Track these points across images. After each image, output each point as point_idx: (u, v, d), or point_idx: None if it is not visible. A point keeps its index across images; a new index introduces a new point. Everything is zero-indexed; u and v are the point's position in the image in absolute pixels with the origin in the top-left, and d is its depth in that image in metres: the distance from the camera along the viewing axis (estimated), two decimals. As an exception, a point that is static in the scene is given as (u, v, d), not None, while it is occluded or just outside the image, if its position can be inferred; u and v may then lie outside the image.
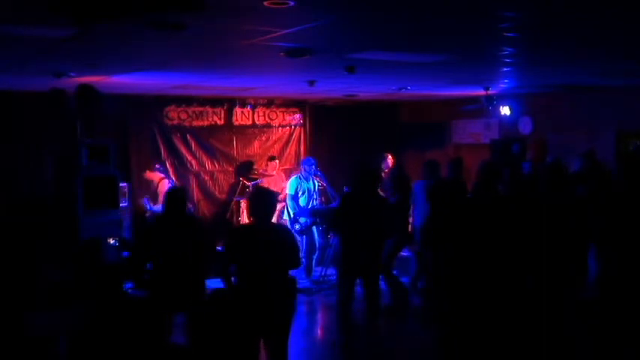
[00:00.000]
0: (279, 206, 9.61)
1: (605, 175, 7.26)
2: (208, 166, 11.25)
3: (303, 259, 8.64)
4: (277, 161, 10.88)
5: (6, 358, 4.47)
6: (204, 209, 11.17)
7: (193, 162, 11.09)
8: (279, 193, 9.51)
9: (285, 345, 5.06)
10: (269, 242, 4.91)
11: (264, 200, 5.06)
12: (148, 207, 9.60)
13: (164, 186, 9.59)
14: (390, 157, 10.18)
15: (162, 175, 9.98)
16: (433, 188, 5.32)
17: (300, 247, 8.48)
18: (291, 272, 5.29)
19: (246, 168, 11.13)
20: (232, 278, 5.03)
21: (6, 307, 5.02)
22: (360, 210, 6.25)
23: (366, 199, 6.32)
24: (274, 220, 9.20)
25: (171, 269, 5.51)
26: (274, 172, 10.57)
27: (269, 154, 11.25)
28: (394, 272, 7.99)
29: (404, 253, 9.62)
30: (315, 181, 9.25)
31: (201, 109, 11.09)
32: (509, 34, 5.13)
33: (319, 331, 7.67)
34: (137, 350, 4.02)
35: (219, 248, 6.57)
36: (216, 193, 11.28)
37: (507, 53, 6.13)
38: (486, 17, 4.47)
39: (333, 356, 6.56)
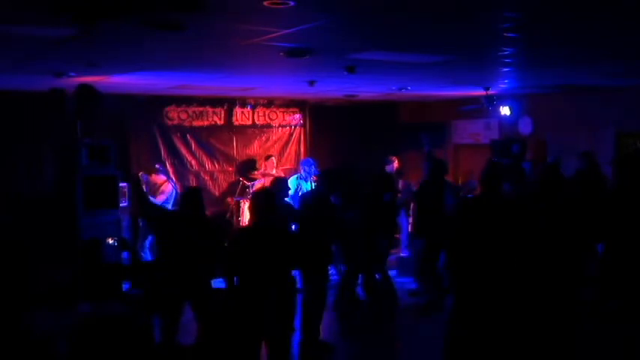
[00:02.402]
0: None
1: (599, 177, 7.27)
2: (208, 166, 11.24)
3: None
4: (274, 159, 10.86)
5: (6, 358, 4.47)
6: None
7: (193, 162, 11.09)
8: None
9: (286, 345, 5.06)
10: (271, 242, 4.91)
11: (264, 201, 5.07)
12: (145, 179, 9.53)
13: (167, 187, 9.74)
14: (395, 160, 10.18)
15: (164, 178, 10.00)
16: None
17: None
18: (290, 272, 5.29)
19: (246, 168, 11.12)
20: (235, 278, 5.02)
21: (6, 307, 5.03)
22: (312, 210, 6.48)
23: (319, 201, 6.56)
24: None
25: (176, 265, 5.52)
26: (274, 171, 10.56)
27: (267, 154, 11.24)
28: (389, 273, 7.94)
29: (404, 254, 9.65)
30: (314, 182, 9.24)
31: (201, 109, 11.09)
32: (509, 34, 5.13)
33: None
34: (136, 350, 4.03)
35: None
36: (216, 193, 11.29)
37: (507, 53, 6.13)
38: (486, 17, 4.47)
39: (332, 356, 6.55)
